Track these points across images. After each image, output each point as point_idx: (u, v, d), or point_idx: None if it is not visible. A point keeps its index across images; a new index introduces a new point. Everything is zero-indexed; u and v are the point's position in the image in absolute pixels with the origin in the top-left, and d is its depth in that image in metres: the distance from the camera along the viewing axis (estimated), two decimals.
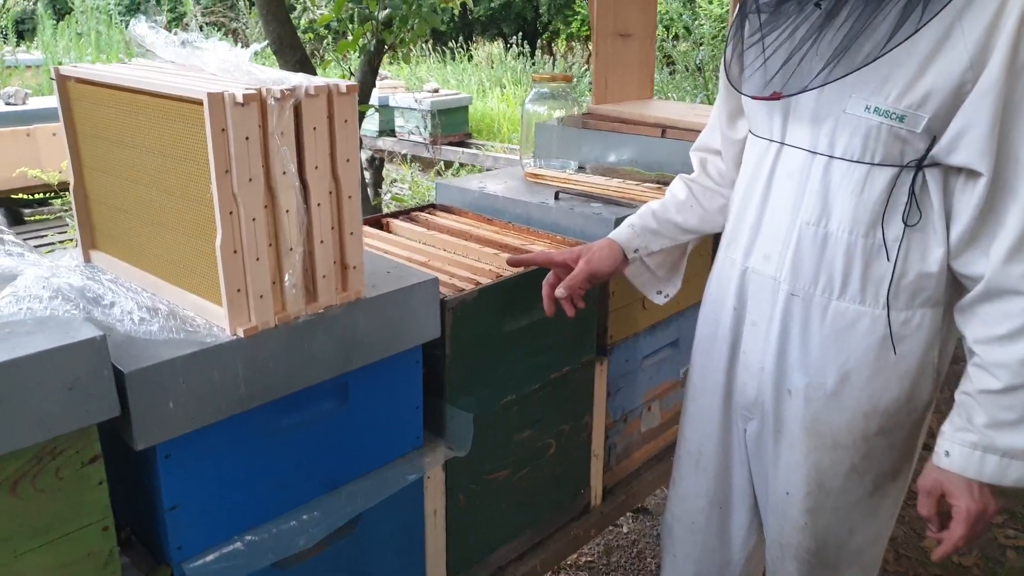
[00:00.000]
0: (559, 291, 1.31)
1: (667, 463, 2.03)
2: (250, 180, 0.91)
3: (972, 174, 1.01)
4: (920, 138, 1.03)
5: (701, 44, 7.90)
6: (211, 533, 1.02)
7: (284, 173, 0.94)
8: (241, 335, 0.96)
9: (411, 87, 8.54)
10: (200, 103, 0.87)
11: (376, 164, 4.62)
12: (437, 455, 1.31)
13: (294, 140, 0.95)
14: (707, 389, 1.38)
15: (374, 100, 7.52)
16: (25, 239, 4.53)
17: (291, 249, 0.98)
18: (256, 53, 1.04)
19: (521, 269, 1.41)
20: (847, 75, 1.01)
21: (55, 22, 9.35)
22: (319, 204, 1.00)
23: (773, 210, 1.18)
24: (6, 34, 8.51)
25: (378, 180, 4.60)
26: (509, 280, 1.36)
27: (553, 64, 12.19)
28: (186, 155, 0.94)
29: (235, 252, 0.93)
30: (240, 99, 0.87)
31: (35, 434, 0.83)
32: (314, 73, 2.55)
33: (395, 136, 7.72)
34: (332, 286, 1.05)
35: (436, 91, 7.83)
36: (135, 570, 1.01)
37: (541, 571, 1.63)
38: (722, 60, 1.20)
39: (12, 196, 4.80)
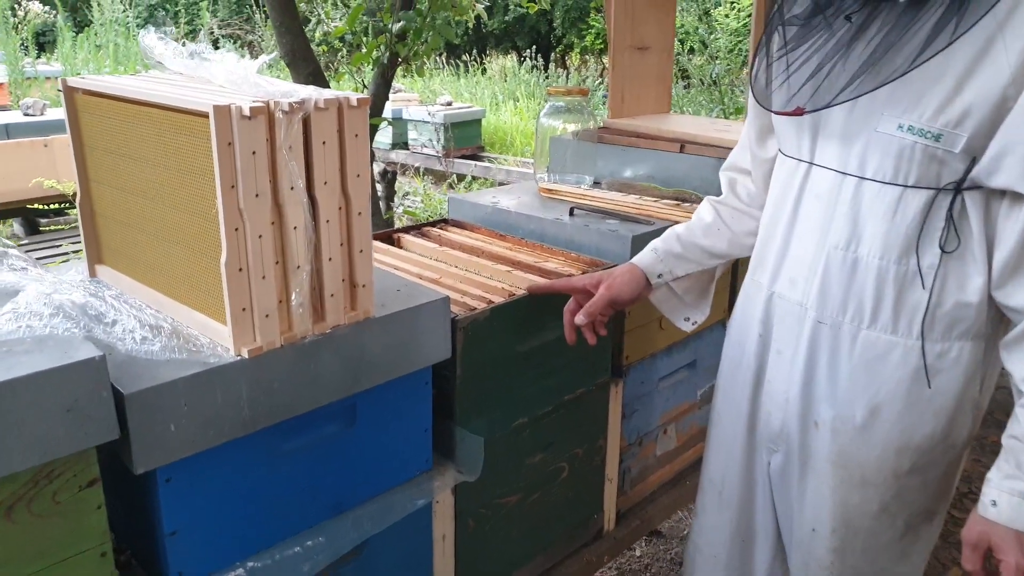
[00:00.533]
0: (579, 318, 1.27)
1: (683, 487, 1.98)
2: (257, 196, 0.88)
3: (1016, 197, 0.96)
4: (959, 159, 0.98)
5: (717, 58, 7.88)
6: (213, 559, 0.99)
7: (292, 189, 0.91)
8: (246, 356, 0.92)
9: (424, 100, 8.56)
10: (206, 116, 0.84)
11: (388, 177, 4.60)
12: (446, 479, 1.27)
13: (303, 154, 0.92)
14: (731, 417, 1.33)
15: (387, 113, 7.54)
16: (40, 248, 4.54)
17: (298, 267, 0.95)
18: (268, 65, 1.02)
19: None
20: (875, 89, 0.96)
21: (75, 34, 9.44)
22: (328, 221, 0.97)
23: (801, 233, 1.14)
24: (27, 46, 8.60)
25: (390, 193, 4.58)
26: (522, 299, 1.33)
27: (567, 78, 12.20)
28: (192, 169, 0.91)
29: (240, 270, 0.90)
30: (247, 112, 0.84)
31: (32, 457, 0.80)
32: (327, 86, 2.53)
33: (408, 149, 7.73)
34: (340, 305, 1.01)
35: (449, 104, 7.84)
36: None
37: None
38: (749, 75, 1.17)
39: (28, 206, 4.83)
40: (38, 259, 4.22)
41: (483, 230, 1.71)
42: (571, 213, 1.68)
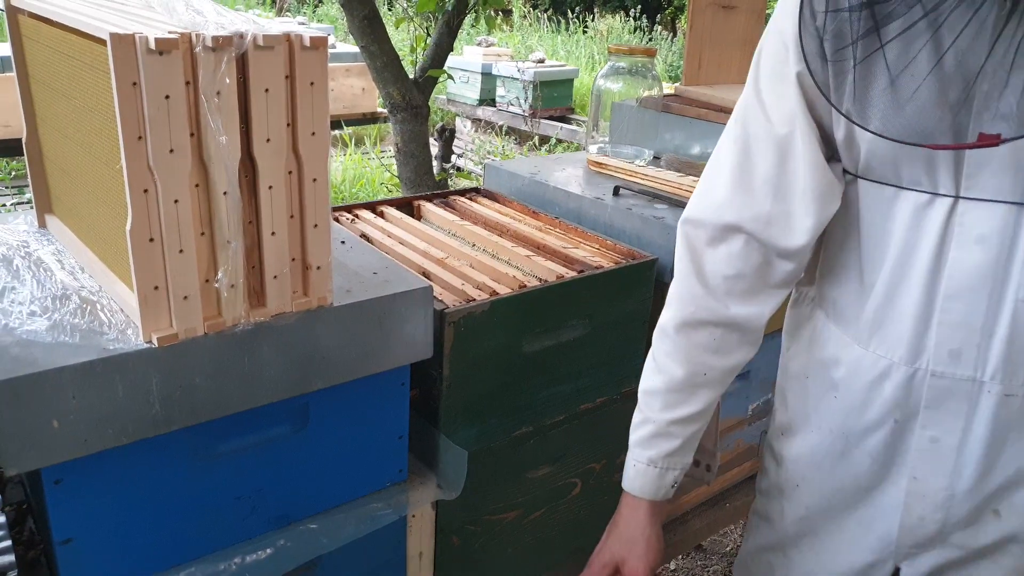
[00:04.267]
0: None
1: (721, 509, 1.76)
2: (172, 151, 0.71)
3: None
4: None
5: None
6: (118, 570, 0.85)
7: (220, 146, 0.74)
8: (155, 343, 0.77)
9: (517, 56, 8.28)
10: (105, 44, 0.67)
11: (446, 136, 4.40)
12: (425, 492, 1.10)
13: (236, 104, 0.74)
14: (833, 536, 0.99)
15: (477, 67, 7.33)
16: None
17: (228, 241, 0.78)
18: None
19: (551, 280, 1.17)
20: None
21: None
22: (271, 187, 0.79)
23: (954, 290, 0.82)
24: None
25: (447, 153, 4.38)
26: (533, 292, 1.12)
27: (672, 40, 11.61)
28: (104, 111, 0.75)
29: (151, 240, 0.74)
30: (153, 45, 0.66)
31: None
32: (383, 32, 2.35)
33: (496, 106, 7.50)
34: (286, 289, 0.84)
35: (541, 61, 7.54)
36: None
37: None
38: (813, 77, 0.79)
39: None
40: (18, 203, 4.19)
41: (516, 204, 1.51)
42: (615, 192, 1.45)
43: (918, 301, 0.84)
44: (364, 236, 1.30)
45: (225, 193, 0.76)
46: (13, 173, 4.88)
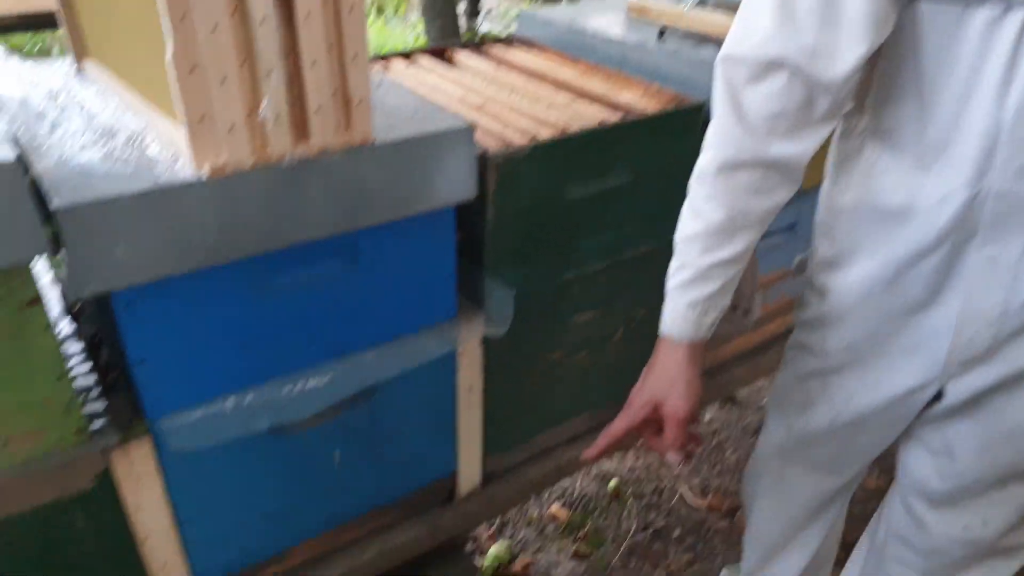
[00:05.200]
0: (671, 457, 1.01)
1: (765, 358, 1.79)
2: None
3: None
4: None
5: None
6: (192, 391, 0.91)
7: None
8: (207, 174, 0.78)
9: None
10: None
11: None
12: (473, 329, 1.14)
13: None
14: (876, 355, 1.00)
15: None
16: None
17: (270, 71, 0.77)
18: None
19: (592, 125, 1.15)
20: None
21: None
22: (308, 14, 0.78)
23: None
24: None
25: (474, 10, 4.19)
26: (576, 137, 1.11)
27: None
28: None
29: (193, 70, 0.74)
30: None
31: None
32: None
33: None
34: (330, 123, 0.84)
35: None
36: (112, 417, 0.90)
37: None
38: None
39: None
40: None
41: (553, 52, 1.46)
42: (660, 36, 1.39)
43: (985, 120, 0.81)
44: None
45: (262, 21, 0.75)
46: (38, 46, 4.83)
